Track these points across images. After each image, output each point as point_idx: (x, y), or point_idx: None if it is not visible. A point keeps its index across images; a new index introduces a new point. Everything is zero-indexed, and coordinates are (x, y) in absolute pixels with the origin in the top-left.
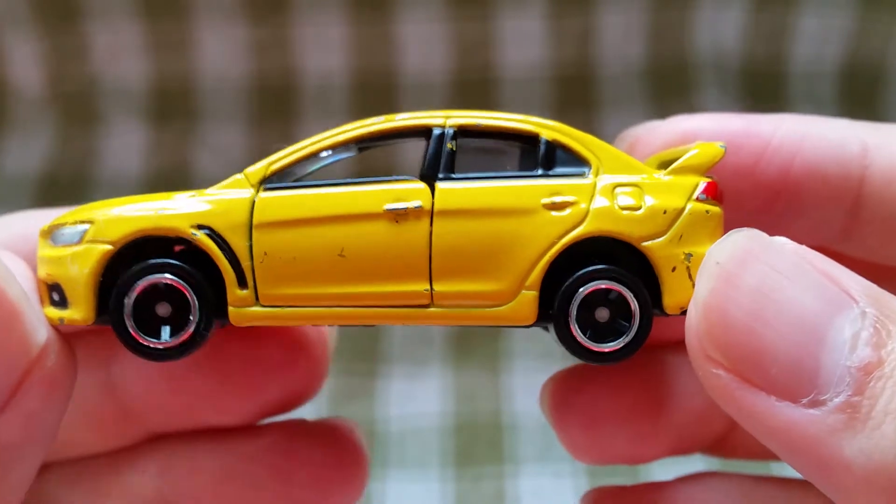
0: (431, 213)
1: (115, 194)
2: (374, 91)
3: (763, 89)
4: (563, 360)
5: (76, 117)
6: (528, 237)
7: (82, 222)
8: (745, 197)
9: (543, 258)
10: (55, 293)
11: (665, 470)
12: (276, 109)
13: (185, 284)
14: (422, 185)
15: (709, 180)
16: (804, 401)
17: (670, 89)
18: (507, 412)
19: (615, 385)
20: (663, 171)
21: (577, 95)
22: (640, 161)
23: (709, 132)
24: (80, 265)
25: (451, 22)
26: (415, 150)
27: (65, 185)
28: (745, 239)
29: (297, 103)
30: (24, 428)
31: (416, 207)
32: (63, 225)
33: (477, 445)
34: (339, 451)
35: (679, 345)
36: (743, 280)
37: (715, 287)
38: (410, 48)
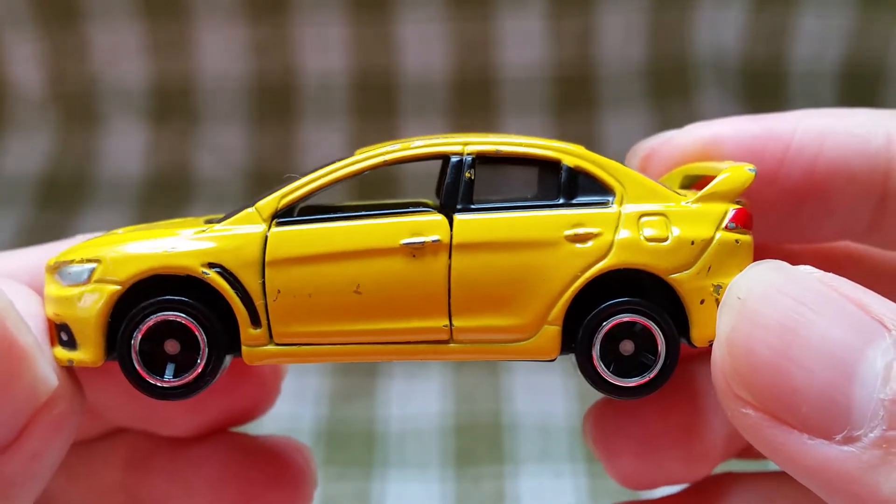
0: (450, 247)
1: (116, 194)
2: (374, 91)
3: (763, 89)
4: (563, 361)
5: (76, 117)
6: (550, 270)
7: (89, 261)
8: (770, 204)
9: (566, 293)
10: (63, 333)
11: None
12: (276, 109)
13: (195, 323)
14: (439, 217)
15: (738, 207)
16: (838, 437)
17: (670, 89)
18: (507, 412)
19: (661, 407)
20: (691, 199)
21: (577, 95)
22: (661, 175)
23: (726, 138)
24: (88, 306)
25: (451, 22)
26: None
27: (65, 185)
28: (767, 271)
29: (297, 103)
30: (27, 466)
31: (433, 241)
32: (70, 262)
33: (477, 445)
34: (276, 471)
35: (705, 355)
36: (766, 315)
37: (738, 324)
38: (410, 48)
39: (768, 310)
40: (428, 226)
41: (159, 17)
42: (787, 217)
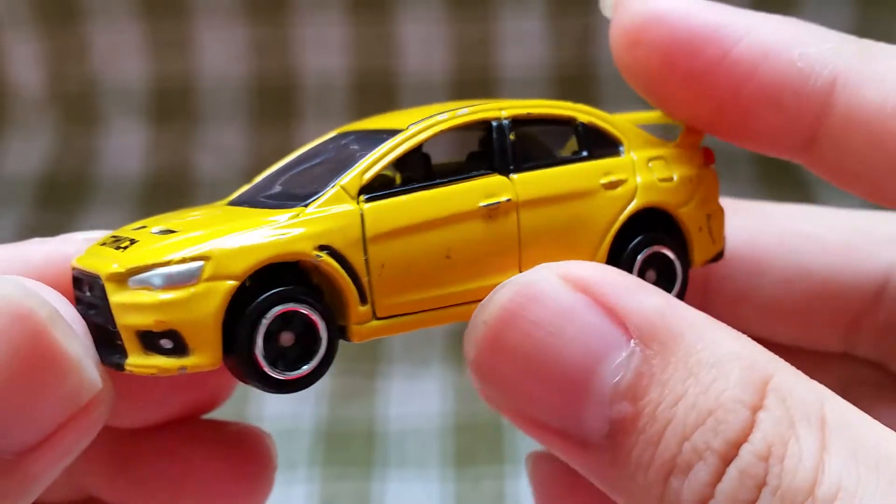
0: (517, 205)
1: (115, 194)
2: (374, 91)
3: None
4: None
5: (76, 117)
6: (594, 216)
7: (194, 259)
8: (688, 105)
9: (609, 233)
10: (166, 340)
11: None
12: (276, 109)
13: (314, 313)
14: (503, 178)
15: (706, 148)
16: (579, 445)
17: None
18: None
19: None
20: (672, 145)
21: (577, 95)
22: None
23: (675, 19)
24: (203, 306)
25: (451, 22)
26: None
27: (65, 185)
28: (510, 294)
29: (297, 103)
30: (52, 464)
31: (506, 202)
32: (164, 264)
33: (477, 445)
34: (237, 461)
35: None
36: (506, 340)
37: (481, 350)
38: (410, 48)
39: (508, 335)
40: (498, 187)
41: (159, 17)
42: (708, 123)
